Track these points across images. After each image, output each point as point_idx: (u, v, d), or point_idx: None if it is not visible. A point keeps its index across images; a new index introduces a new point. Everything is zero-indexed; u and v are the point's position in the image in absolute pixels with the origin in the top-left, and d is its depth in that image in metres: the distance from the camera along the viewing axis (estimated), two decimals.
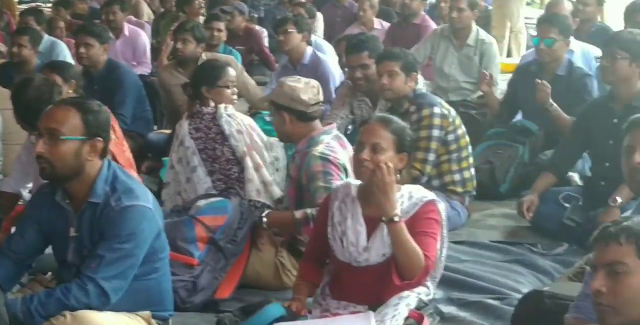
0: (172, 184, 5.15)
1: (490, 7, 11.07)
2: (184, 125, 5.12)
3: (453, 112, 5.20)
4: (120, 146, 5.58)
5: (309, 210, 4.17)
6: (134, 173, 5.63)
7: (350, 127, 6.16)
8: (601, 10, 7.82)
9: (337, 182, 3.97)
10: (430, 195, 3.59)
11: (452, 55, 7.42)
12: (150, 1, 14.19)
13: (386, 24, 9.75)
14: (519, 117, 6.39)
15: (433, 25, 8.67)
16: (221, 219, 4.19)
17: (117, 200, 3.22)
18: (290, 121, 4.39)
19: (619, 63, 4.77)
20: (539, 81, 5.57)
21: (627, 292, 2.42)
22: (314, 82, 4.47)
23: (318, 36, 10.84)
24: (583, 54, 6.27)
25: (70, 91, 5.43)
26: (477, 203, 5.61)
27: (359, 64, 5.79)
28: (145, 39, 9.33)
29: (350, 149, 4.39)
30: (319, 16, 11.26)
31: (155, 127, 7.28)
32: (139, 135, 6.86)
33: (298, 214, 4.23)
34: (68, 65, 5.81)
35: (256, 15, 11.90)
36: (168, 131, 6.46)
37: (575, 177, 5.63)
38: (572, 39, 6.48)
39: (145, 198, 3.28)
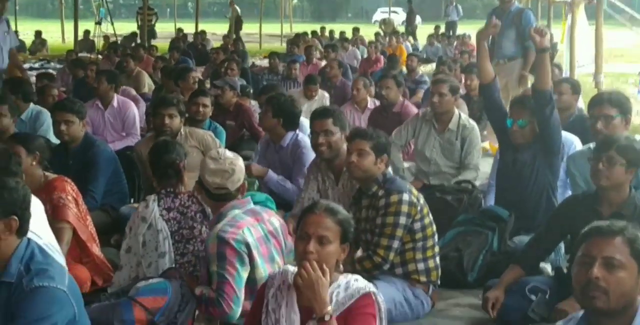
0: (126, 268, 4.95)
1: None
2: (153, 207, 4.95)
3: (422, 199, 5.05)
4: (83, 220, 5.51)
5: (205, 291, 4.12)
6: (95, 248, 5.58)
7: None
8: (577, 99, 7.72)
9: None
10: (368, 286, 3.48)
11: (434, 139, 7.35)
12: (152, 72, 14.34)
13: None
14: (491, 202, 6.32)
15: (414, 110, 8.71)
16: (161, 300, 4.07)
17: (29, 280, 3.12)
18: (199, 191, 4.44)
19: (617, 169, 4.64)
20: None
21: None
22: (231, 167, 4.39)
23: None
24: (563, 142, 6.17)
25: (34, 163, 5.39)
26: (444, 291, 5.43)
27: (322, 130, 5.88)
28: (134, 110, 9.34)
29: (268, 223, 4.37)
30: (325, 94, 11.35)
31: (132, 200, 7.20)
32: (113, 208, 6.80)
33: (197, 290, 4.19)
34: (33, 137, 5.75)
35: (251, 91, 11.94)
36: None
37: (547, 268, 5.48)
38: None
39: (61, 279, 3.17)
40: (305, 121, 8.20)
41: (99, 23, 22.40)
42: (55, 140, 6.82)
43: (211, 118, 9.57)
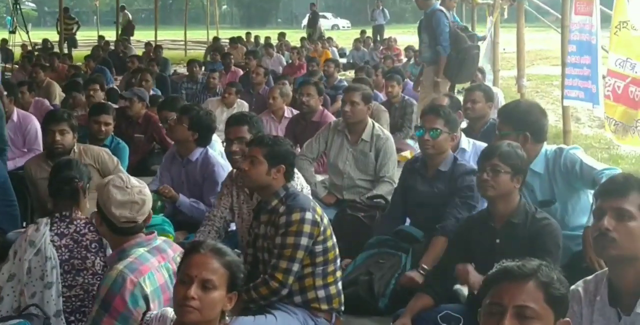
0: (9, 299, 4.41)
1: (407, 98, 10.74)
2: (45, 231, 4.44)
3: (326, 219, 4.62)
4: None
5: None
6: None
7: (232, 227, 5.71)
8: (491, 106, 7.41)
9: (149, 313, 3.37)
10: None
11: (347, 151, 6.97)
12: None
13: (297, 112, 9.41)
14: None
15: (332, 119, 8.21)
16: None
17: None
18: (100, 224, 3.91)
19: (502, 177, 4.35)
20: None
21: None
22: (141, 198, 3.88)
23: None
24: (476, 153, 5.84)
25: None
26: (352, 319, 5.02)
27: (236, 137, 5.54)
28: (36, 125, 8.77)
29: (173, 262, 3.84)
30: (244, 104, 10.98)
31: (24, 224, 6.68)
32: (2, 232, 6.27)
33: None
34: None
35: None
36: None
37: (464, 291, 5.11)
38: (463, 136, 6.12)
39: None
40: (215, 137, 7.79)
41: (12, 32, 21.70)
42: None
43: (119, 131, 9.12)
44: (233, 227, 5.75)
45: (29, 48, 23.13)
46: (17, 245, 4.54)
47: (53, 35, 27.90)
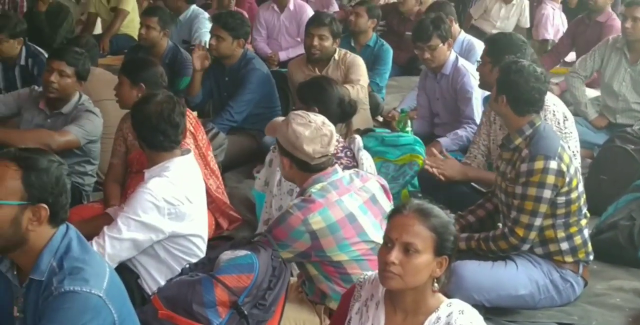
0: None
1: None
2: None
3: (573, 167, 4.08)
4: (202, 157, 5.01)
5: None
6: (219, 184, 5.13)
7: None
8: None
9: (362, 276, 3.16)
10: (476, 320, 2.76)
11: (624, 71, 6.38)
12: None
13: None
14: None
15: (618, 26, 7.30)
16: (246, 279, 3.34)
17: (59, 281, 2.57)
18: (290, 167, 3.70)
19: None
20: None
21: None
22: (328, 129, 3.65)
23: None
24: None
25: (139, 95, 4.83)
26: (606, 268, 4.60)
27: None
28: (310, 14, 8.74)
29: (362, 192, 3.68)
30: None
31: None
32: (261, 134, 6.34)
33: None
34: (142, 67, 5.00)
35: None
36: None
37: None
38: None
39: (96, 282, 2.60)
40: (472, 38, 7.35)
41: None
42: None
43: (390, 28, 8.90)
44: None
45: None
46: (274, 154, 4.54)
47: None
